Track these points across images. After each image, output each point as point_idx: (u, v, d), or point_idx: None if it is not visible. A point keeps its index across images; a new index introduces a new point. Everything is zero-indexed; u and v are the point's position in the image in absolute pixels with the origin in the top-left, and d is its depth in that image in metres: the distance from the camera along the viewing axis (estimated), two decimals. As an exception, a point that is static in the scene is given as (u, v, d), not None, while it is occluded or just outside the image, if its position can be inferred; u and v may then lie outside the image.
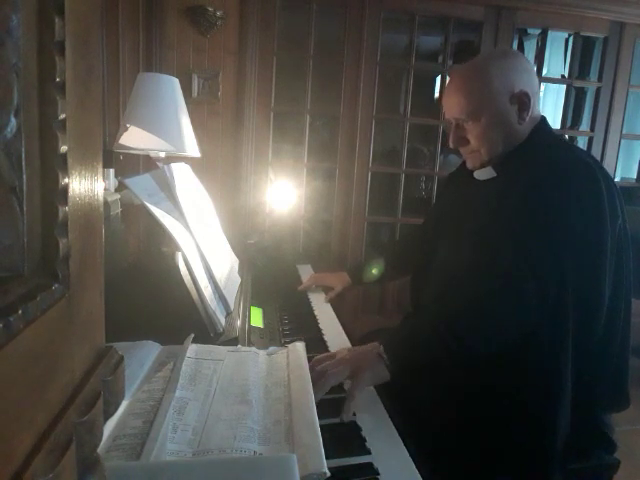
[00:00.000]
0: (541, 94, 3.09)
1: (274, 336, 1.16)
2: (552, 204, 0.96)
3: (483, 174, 1.16)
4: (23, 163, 0.24)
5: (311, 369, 0.85)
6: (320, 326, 1.30)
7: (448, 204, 1.30)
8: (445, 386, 1.00)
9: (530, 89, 1.08)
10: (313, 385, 0.80)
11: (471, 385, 0.98)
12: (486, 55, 1.13)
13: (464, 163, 1.23)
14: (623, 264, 1.04)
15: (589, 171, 0.98)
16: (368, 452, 0.72)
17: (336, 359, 0.93)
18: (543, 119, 1.13)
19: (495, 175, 1.13)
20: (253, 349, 0.90)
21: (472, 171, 1.20)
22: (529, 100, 1.07)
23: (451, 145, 1.16)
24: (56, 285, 0.28)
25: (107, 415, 0.34)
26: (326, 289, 1.60)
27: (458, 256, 1.12)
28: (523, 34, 3.13)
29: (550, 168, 1.00)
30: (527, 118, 1.08)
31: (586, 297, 0.97)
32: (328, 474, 0.57)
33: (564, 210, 0.96)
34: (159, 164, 1.59)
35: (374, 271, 1.50)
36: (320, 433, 0.64)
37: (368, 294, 2.63)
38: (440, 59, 2.82)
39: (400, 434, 0.77)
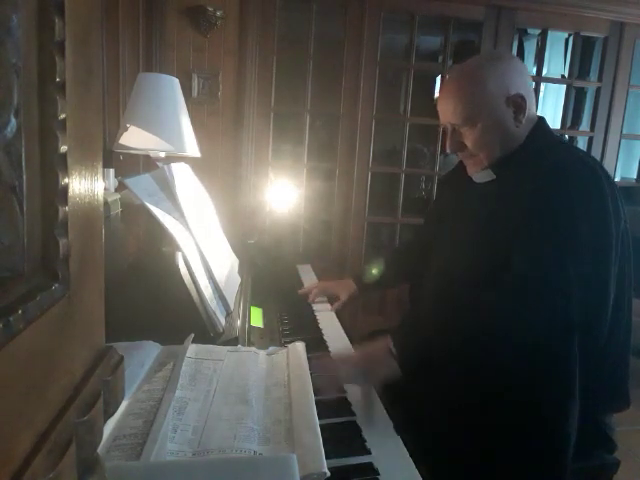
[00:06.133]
0: (541, 94, 3.09)
1: (274, 336, 1.16)
2: (558, 208, 0.95)
3: (482, 177, 1.15)
4: (23, 163, 0.24)
5: (316, 369, 0.86)
6: (320, 326, 1.29)
7: (446, 206, 1.29)
8: (445, 387, 1.00)
9: (525, 91, 1.07)
10: (324, 391, 0.84)
11: (471, 386, 0.98)
12: (479, 59, 1.11)
13: (459, 164, 1.23)
14: (625, 265, 1.04)
15: (592, 173, 0.97)
16: (368, 452, 0.72)
17: (347, 362, 0.95)
18: (541, 120, 1.12)
19: (494, 177, 1.13)
20: (253, 349, 0.90)
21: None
22: (525, 102, 1.06)
23: (448, 150, 1.15)
24: (56, 285, 0.28)
25: (107, 415, 0.34)
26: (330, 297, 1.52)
27: (458, 257, 1.12)
28: (523, 34, 3.13)
29: (553, 171, 0.99)
30: (523, 120, 1.07)
31: (592, 301, 0.96)
32: (328, 474, 0.57)
33: (570, 214, 0.94)
34: (159, 164, 1.59)
35: (374, 271, 1.49)
36: (320, 433, 0.64)
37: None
38: (440, 59, 2.82)
39: (400, 434, 0.77)
